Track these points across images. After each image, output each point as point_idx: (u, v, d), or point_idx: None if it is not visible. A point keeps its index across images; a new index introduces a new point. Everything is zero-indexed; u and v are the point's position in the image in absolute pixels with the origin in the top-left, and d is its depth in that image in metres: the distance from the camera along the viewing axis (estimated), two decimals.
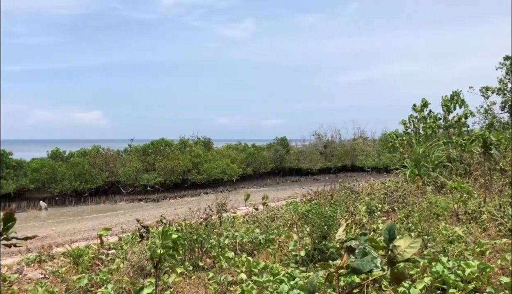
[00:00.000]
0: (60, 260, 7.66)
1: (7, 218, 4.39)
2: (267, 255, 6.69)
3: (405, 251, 2.60)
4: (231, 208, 11.65)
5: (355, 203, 9.86)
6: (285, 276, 5.06)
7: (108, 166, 26.88)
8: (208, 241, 6.85)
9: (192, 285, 5.59)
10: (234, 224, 9.32)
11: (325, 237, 6.24)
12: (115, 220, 17.80)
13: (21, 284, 6.29)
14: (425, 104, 17.61)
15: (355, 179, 18.71)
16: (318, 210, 6.31)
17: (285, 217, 9.13)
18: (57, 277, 6.20)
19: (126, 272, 6.12)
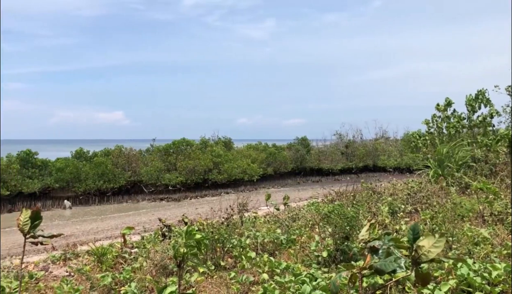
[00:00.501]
0: (84, 258, 7.79)
1: (34, 216, 4.50)
2: (289, 255, 6.67)
3: (429, 251, 2.56)
4: (252, 208, 11.66)
5: (377, 203, 9.76)
6: (307, 277, 5.04)
7: (130, 165, 27.21)
8: (229, 240, 6.87)
9: (214, 285, 5.62)
10: (255, 224, 9.32)
11: (347, 238, 6.19)
12: (138, 219, 18.02)
13: (47, 281, 6.41)
14: (448, 103, 17.31)
15: (377, 179, 18.52)
16: (341, 211, 6.27)
17: (306, 218, 9.09)
18: (82, 275, 6.31)
19: (148, 271, 6.19)
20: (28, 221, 4.47)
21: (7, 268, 7.71)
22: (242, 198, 10.64)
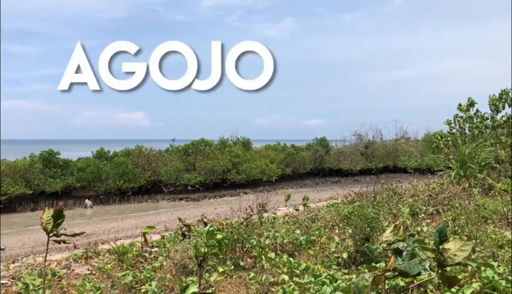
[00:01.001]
0: (105, 257, 7.88)
1: (57, 215, 4.57)
2: (308, 256, 6.64)
3: (455, 254, 2.51)
4: (271, 209, 11.65)
5: (398, 205, 9.65)
6: (327, 278, 5.00)
7: (150, 165, 27.45)
8: (249, 241, 6.87)
9: (233, 285, 5.63)
10: (274, 224, 9.30)
11: (367, 239, 6.13)
12: (157, 219, 18.17)
13: (70, 279, 6.51)
14: (471, 103, 17.01)
15: (397, 180, 18.30)
16: (361, 212, 6.21)
17: (326, 219, 9.04)
18: (103, 273, 6.39)
19: (169, 270, 6.23)
20: (51, 220, 4.54)
21: (31, 265, 7.87)
22: (261, 199, 10.64)
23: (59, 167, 24.82)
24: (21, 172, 22.94)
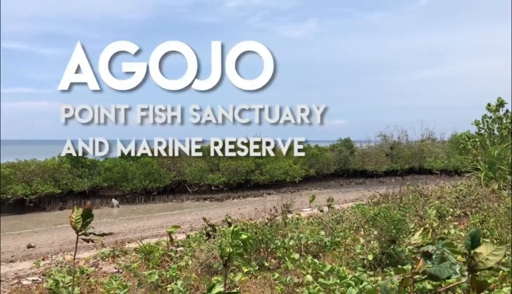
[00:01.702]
0: (132, 256, 8.01)
1: (86, 214, 4.66)
2: (333, 257, 6.61)
3: (487, 259, 2.46)
4: (295, 210, 11.63)
5: (424, 206, 9.51)
6: (353, 280, 4.97)
7: (175, 165, 27.72)
8: (273, 241, 6.88)
9: (258, 285, 5.64)
10: (298, 225, 9.28)
11: (393, 241, 6.06)
12: (182, 218, 18.34)
13: (97, 277, 6.64)
14: (501, 103, 16.59)
15: (423, 182, 18.00)
16: (387, 213, 6.14)
17: (350, 220, 8.97)
18: (130, 271, 6.49)
19: (194, 269, 6.29)
20: (80, 219, 4.62)
21: (60, 263, 8.05)
22: (285, 199, 10.63)
23: (86, 167, 25.28)
24: (50, 172, 23.47)
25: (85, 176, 24.86)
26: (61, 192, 23.32)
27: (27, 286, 6.53)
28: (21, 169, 22.97)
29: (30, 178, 22.76)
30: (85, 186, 24.37)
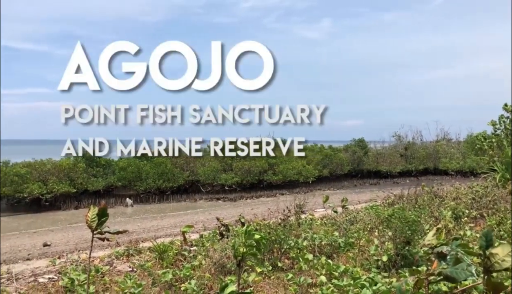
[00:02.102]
0: (146, 255, 8.06)
1: (101, 213, 4.71)
2: (347, 258, 6.58)
3: (504, 260, 2.43)
4: (309, 210, 11.60)
5: (439, 208, 9.41)
6: (367, 281, 4.95)
7: (188, 165, 27.85)
8: (286, 242, 6.87)
9: (271, 285, 5.64)
10: (312, 226, 9.26)
11: (408, 242, 6.02)
12: (195, 218, 18.42)
13: (112, 276, 6.70)
14: None
15: (438, 182, 17.80)
16: (401, 214, 6.10)
17: (364, 221, 8.92)
18: (144, 270, 6.54)
19: (207, 269, 6.31)
20: (96, 218, 4.67)
21: (76, 261, 8.14)
22: (298, 200, 10.62)
23: (101, 166, 25.53)
24: (65, 171, 23.76)
25: (99, 175, 25.11)
26: (76, 191, 23.60)
27: (43, 284, 6.62)
28: (37, 168, 23.30)
29: (46, 177, 23.08)
30: (100, 185, 24.62)
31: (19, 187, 21.94)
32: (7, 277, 7.31)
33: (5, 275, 7.52)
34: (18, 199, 22.16)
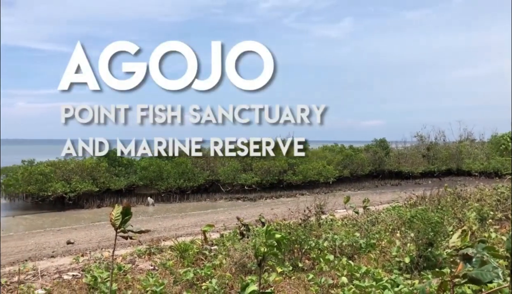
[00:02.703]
0: (167, 253, 8.14)
1: (125, 212, 4.76)
2: (368, 259, 6.53)
3: None
4: (329, 210, 11.54)
5: (463, 209, 9.26)
6: (389, 283, 4.90)
7: (209, 165, 28.01)
8: (307, 242, 6.86)
9: (292, 285, 5.64)
10: (332, 226, 9.21)
11: (431, 244, 5.93)
12: (215, 218, 18.50)
13: (134, 274, 6.79)
14: None
15: (462, 183, 17.51)
16: (424, 216, 6.02)
17: (386, 222, 8.83)
18: (166, 269, 6.61)
19: (228, 268, 6.35)
20: (119, 217, 4.72)
21: (98, 259, 8.27)
22: (318, 200, 10.57)
23: (123, 166, 25.87)
24: (88, 170, 24.15)
25: (121, 175, 25.44)
26: (98, 190, 23.96)
27: (67, 280, 6.75)
28: (60, 167, 23.75)
29: (69, 176, 23.51)
30: (122, 184, 24.95)
31: (44, 186, 22.40)
32: (33, 274, 7.48)
33: (31, 271, 7.69)
34: (43, 198, 22.62)
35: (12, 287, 6.40)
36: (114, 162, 25.58)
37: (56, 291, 6.02)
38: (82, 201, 23.40)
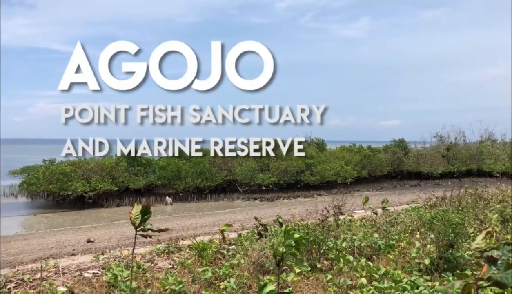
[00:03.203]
0: (186, 252, 8.19)
1: (144, 211, 4.81)
2: (387, 261, 6.47)
3: None
4: (347, 211, 11.46)
5: (484, 210, 9.11)
6: (408, 284, 4.86)
7: (226, 165, 28.10)
8: (325, 242, 6.82)
9: (310, 286, 5.62)
10: (351, 227, 9.15)
11: (452, 245, 5.86)
12: (233, 217, 18.54)
13: (153, 272, 6.85)
14: None
15: (482, 184, 17.21)
16: (445, 217, 5.94)
17: (405, 223, 8.74)
18: (184, 268, 6.66)
19: (246, 267, 6.35)
20: (139, 215, 4.77)
21: (118, 257, 8.37)
22: (336, 201, 10.51)
23: (142, 165, 26.12)
24: (108, 170, 24.45)
25: (140, 174, 25.69)
26: (118, 190, 24.23)
27: (88, 278, 6.84)
28: (81, 167, 24.10)
29: (89, 175, 23.83)
30: (141, 184, 25.19)
31: (64, 185, 22.76)
32: (55, 271, 7.60)
33: (53, 269, 7.81)
34: (63, 197, 22.98)
35: (35, 284, 6.52)
36: (133, 162, 25.85)
37: (77, 288, 6.10)
38: (101, 200, 23.70)
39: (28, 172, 24.53)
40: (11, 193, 26.00)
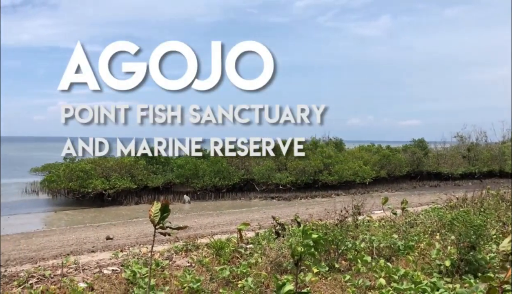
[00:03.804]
0: (204, 251, 8.22)
1: (163, 209, 4.84)
2: (407, 262, 6.39)
3: None
4: (366, 211, 11.37)
5: (507, 212, 8.93)
6: (428, 286, 4.79)
7: (243, 164, 28.14)
8: (344, 243, 6.77)
9: (328, 286, 5.59)
10: (369, 227, 9.07)
11: (473, 247, 5.75)
12: (250, 216, 18.55)
13: (171, 270, 6.89)
14: None
15: (505, 186, 16.89)
16: (466, 218, 5.83)
17: (425, 224, 8.62)
18: (202, 266, 6.68)
19: (264, 267, 6.35)
20: (158, 213, 4.81)
21: (137, 255, 8.45)
22: (356, 201, 10.43)
23: (160, 163, 26.33)
24: (127, 168, 24.72)
25: (159, 172, 25.90)
26: (136, 187, 24.48)
27: (107, 275, 6.92)
28: (100, 165, 24.40)
29: (108, 173, 24.13)
30: (159, 182, 25.39)
31: (84, 183, 23.09)
32: (75, 267, 7.71)
33: (73, 265, 7.93)
34: (83, 194, 23.31)
35: (56, 280, 6.62)
36: (152, 160, 26.07)
37: (97, 285, 6.18)
38: (120, 198, 23.97)
39: (49, 170, 24.95)
40: (32, 190, 26.50)
